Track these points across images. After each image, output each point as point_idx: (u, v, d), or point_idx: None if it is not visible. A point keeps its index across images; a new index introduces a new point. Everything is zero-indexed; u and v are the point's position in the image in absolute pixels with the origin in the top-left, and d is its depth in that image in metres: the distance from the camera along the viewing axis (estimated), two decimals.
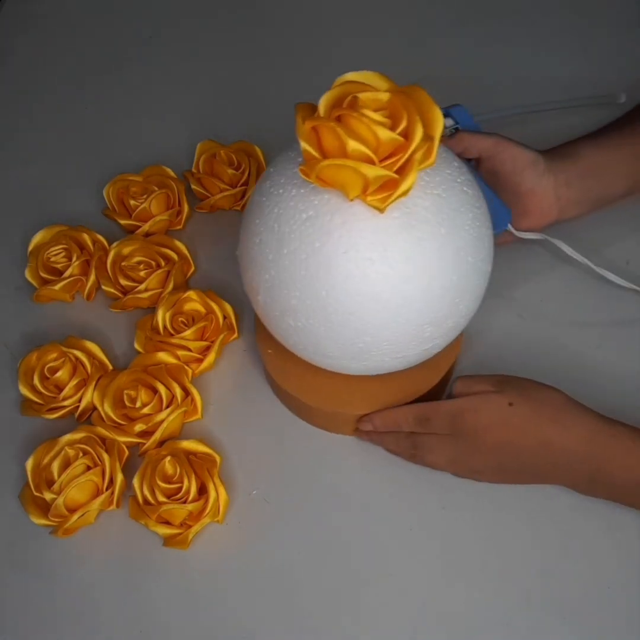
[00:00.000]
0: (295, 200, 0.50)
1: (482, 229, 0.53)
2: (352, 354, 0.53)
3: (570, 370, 0.61)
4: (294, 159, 0.52)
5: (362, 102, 0.47)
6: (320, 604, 0.55)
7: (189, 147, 0.77)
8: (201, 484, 0.58)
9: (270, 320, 0.55)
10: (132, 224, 0.73)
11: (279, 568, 0.57)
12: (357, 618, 0.54)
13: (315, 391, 0.60)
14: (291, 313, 0.52)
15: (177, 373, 0.63)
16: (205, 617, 0.55)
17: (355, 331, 0.51)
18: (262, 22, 0.93)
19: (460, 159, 0.54)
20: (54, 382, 0.63)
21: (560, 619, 0.53)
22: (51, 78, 0.90)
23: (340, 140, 0.46)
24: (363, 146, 0.46)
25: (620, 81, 0.80)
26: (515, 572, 0.55)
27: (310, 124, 0.47)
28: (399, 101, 0.48)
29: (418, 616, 0.54)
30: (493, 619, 0.54)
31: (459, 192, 0.51)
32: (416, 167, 0.47)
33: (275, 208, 0.51)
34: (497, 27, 0.89)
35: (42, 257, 0.70)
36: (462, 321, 0.54)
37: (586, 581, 0.55)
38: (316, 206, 0.50)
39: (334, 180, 0.48)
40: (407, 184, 0.47)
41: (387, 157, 0.47)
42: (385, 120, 0.47)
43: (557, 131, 0.69)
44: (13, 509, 0.60)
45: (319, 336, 0.52)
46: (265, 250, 0.52)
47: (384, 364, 0.54)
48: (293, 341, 0.55)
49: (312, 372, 0.58)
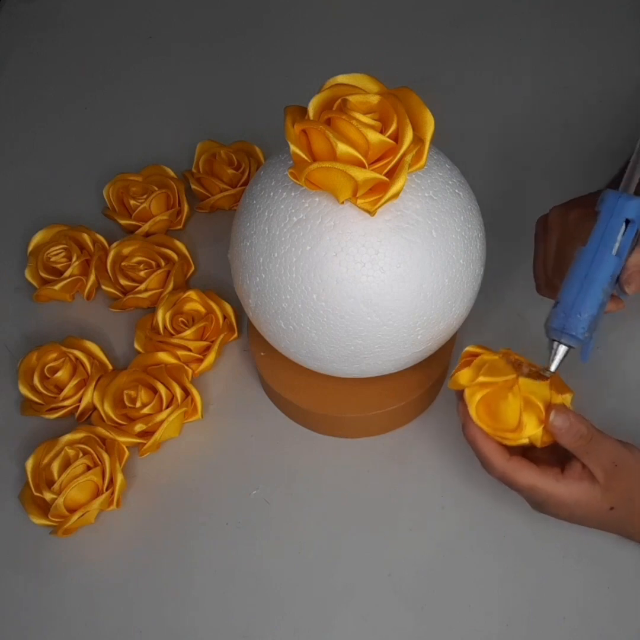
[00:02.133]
0: (286, 203, 0.51)
1: (473, 231, 0.53)
2: (344, 357, 0.53)
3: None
4: (284, 161, 0.52)
5: (351, 104, 0.47)
6: (320, 604, 0.55)
7: (189, 147, 0.77)
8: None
9: (262, 323, 0.55)
10: (132, 224, 0.73)
11: (279, 568, 0.57)
12: (356, 618, 0.54)
13: (307, 394, 0.60)
14: (282, 316, 0.52)
15: (177, 373, 0.63)
16: (206, 617, 0.55)
17: (347, 334, 0.51)
18: (263, 23, 0.93)
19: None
20: (54, 382, 0.63)
21: (560, 619, 0.53)
22: (51, 78, 0.90)
23: (330, 143, 0.46)
24: (352, 149, 0.46)
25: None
26: (515, 572, 0.55)
27: (299, 127, 0.48)
28: (389, 104, 0.48)
29: (418, 616, 0.54)
30: (493, 619, 0.54)
31: (450, 195, 0.51)
32: (406, 169, 0.47)
33: (266, 211, 0.51)
34: (493, 27, 0.89)
35: (42, 257, 0.70)
36: (455, 323, 0.54)
37: (586, 581, 0.55)
38: (306, 209, 0.50)
39: (323, 183, 0.48)
40: (397, 186, 0.47)
41: (377, 160, 0.47)
42: (375, 123, 0.47)
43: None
44: (13, 509, 0.60)
45: (310, 339, 0.52)
46: (256, 253, 0.52)
47: (376, 367, 0.54)
48: (284, 344, 0.55)
49: (304, 375, 0.58)
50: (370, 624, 0.54)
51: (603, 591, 0.54)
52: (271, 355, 0.60)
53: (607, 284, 0.48)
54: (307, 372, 0.57)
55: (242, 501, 0.59)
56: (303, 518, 0.58)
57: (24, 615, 0.56)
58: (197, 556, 0.57)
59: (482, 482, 0.58)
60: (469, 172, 0.56)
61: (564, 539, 0.56)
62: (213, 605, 0.55)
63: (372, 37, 0.89)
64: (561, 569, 0.55)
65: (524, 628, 0.53)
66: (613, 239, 0.48)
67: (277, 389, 0.61)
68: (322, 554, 0.57)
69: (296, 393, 0.60)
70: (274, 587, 0.56)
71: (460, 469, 0.59)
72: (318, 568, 0.56)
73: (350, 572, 0.56)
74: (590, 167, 0.74)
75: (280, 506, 0.59)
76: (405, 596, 0.55)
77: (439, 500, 0.58)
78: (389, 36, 0.89)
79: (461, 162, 0.55)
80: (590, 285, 0.48)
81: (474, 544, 0.57)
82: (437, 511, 0.58)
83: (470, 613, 0.54)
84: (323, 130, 0.46)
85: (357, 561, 0.57)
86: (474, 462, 0.51)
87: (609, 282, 0.48)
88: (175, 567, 0.57)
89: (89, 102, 0.87)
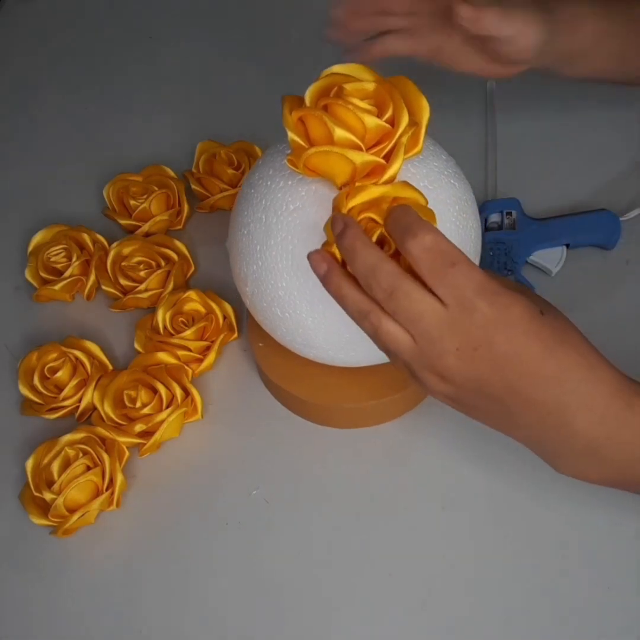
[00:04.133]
0: (283, 191, 0.51)
1: (468, 221, 0.53)
2: (339, 345, 0.53)
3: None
4: (282, 151, 0.53)
5: (348, 91, 0.48)
6: (319, 604, 0.55)
7: (189, 147, 0.77)
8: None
9: (258, 311, 0.55)
10: (132, 224, 0.73)
11: (279, 568, 0.57)
12: (356, 618, 0.54)
13: (305, 384, 0.60)
14: (278, 304, 0.52)
15: (177, 373, 0.63)
16: (206, 617, 0.55)
17: (342, 322, 0.51)
18: (263, 23, 0.93)
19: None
20: (54, 382, 0.63)
21: (560, 619, 0.53)
22: (51, 78, 0.90)
23: (327, 129, 0.47)
24: (350, 133, 0.47)
25: None
26: (516, 572, 0.55)
27: (297, 115, 0.48)
28: (385, 90, 0.48)
29: (418, 616, 0.54)
30: (493, 618, 0.54)
31: (445, 184, 0.52)
32: (402, 151, 0.47)
33: (263, 199, 0.52)
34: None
35: (42, 257, 0.70)
36: None
37: (586, 581, 0.55)
38: (303, 197, 0.50)
39: (321, 168, 0.48)
40: (394, 168, 0.47)
41: (374, 145, 0.48)
42: (371, 108, 0.48)
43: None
44: (13, 509, 0.60)
45: (306, 327, 0.53)
46: (253, 241, 0.52)
47: (372, 356, 0.54)
48: (281, 332, 0.55)
49: (303, 365, 0.58)
50: (371, 623, 0.54)
51: (603, 591, 0.54)
52: (269, 346, 0.60)
53: None
54: (305, 363, 0.57)
55: (242, 501, 0.59)
56: (303, 518, 0.58)
57: (24, 615, 0.56)
58: (197, 556, 0.57)
59: (483, 478, 0.58)
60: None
61: (564, 539, 0.56)
62: (213, 605, 0.55)
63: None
64: (562, 569, 0.55)
65: (526, 628, 0.53)
66: None
67: (275, 380, 0.61)
68: (322, 554, 0.57)
69: (294, 383, 0.60)
70: (274, 587, 0.56)
71: (459, 465, 0.59)
72: (318, 568, 0.56)
73: (350, 572, 0.56)
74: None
75: (280, 506, 0.59)
76: (405, 596, 0.55)
77: (440, 498, 0.58)
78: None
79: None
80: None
81: (474, 544, 0.57)
82: (438, 510, 0.58)
83: (471, 613, 0.54)
84: (320, 116, 0.47)
85: (356, 561, 0.56)
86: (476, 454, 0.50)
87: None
88: (175, 567, 0.57)
89: (89, 101, 0.87)
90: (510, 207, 0.69)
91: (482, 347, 0.42)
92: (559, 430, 0.44)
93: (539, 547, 0.56)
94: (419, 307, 0.42)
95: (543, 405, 0.44)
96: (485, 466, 0.59)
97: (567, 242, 0.67)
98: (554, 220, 0.69)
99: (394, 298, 0.42)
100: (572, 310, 0.47)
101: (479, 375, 0.43)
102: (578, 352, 0.44)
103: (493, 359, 0.42)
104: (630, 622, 0.53)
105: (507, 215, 0.68)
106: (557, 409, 0.44)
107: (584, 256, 0.68)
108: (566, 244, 0.67)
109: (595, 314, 0.65)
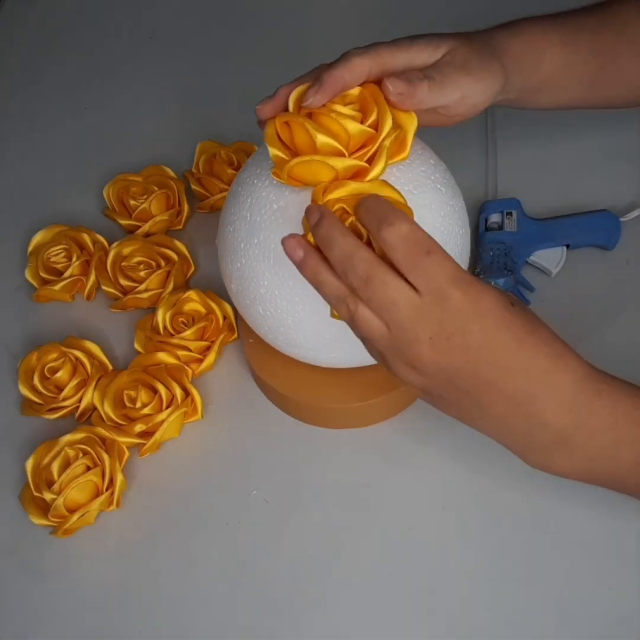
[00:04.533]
0: (268, 190, 0.52)
1: (454, 227, 0.53)
2: (320, 345, 0.53)
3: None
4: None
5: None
6: (319, 604, 0.55)
7: (189, 147, 0.77)
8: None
9: (243, 308, 0.56)
10: (132, 224, 0.73)
11: (279, 568, 0.57)
12: (356, 618, 0.54)
13: (292, 382, 0.60)
14: (260, 302, 0.53)
15: (177, 373, 0.63)
16: (206, 617, 0.55)
17: (322, 322, 0.51)
18: (263, 23, 0.93)
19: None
20: (54, 382, 0.63)
21: (560, 619, 0.53)
22: (51, 78, 0.90)
23: (310, 136, 0.47)
24: (332, 140, 0.47)
25: None
26: (516, 572, 0.55)
27: (280, 120, 0.49)
28: (369, 94, 0.49)
29: (417, 616, 0.54)
30: (493, 618, 0.54)
31: (431, 190, 0.52)
32: (385, 154, 0.47)
33: (249, 198, 0.52)
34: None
35: (42, 257, 0.70)
36: None
37: (586, 581, 0.55)
38: (287, 197, 0.51)
39: (305, 177, 0.48)
40: (376, 170, 0.47)
41: (358, 150, 0.48)
42: (354, 114, 0.48)
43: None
44: (13, 509, 0.60)
45: (287, 326, 0.53)
46: (238, 239, 0.53)
47: (354, 357, 0.54)
48: (264, 330, 0.55)
49: (292, 363, 0.58)
50: (371, 623, 0.54)
51: (603, 591, 0.54)
52: (260, 343, 0.60)
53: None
54: (295, 361, 0.58)
55: (242, 501, 0.59)
56: (303, 518, 0.58)
57: (23, 615, 0.56)
58: (197, 556, 0.57)
59: (481, 477, 0.58)
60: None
61: (565, 539, 0.56)
62: (213, 605, 0.55)
63: (374, 39, 0.89)
64: (562, 569, 0.55)
65: (526, 628, 0.53)
66: None
67: (263, 376, 0.61)
68: (321, 554, 0.57)
69: (279, 380, 0.61)
70: (274, 587, 0.56)
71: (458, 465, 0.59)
72: (318, 568, 0.56)
73: (349, 572, 0.56)
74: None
75: (280, 506, 0.59)
76: (404, 596, 0.55)
77: (439, 499, 0.58)
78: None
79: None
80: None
81: (473, 544, 0.57)
82: (437, 510, 0.58)
83: (470, 613, 0.54)
84: (302, 123, 0.47)
85: (356, 561, 0.56)
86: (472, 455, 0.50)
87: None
88: (175, 567, 0.57)
89: (89, 102, 0.87)
90: (511, 207, 0.69)
91: (455, 336, 0.42)
92: (528, 421, 0.44)
93: (539, 547, 0.56)
94: (393, 295, 0.42)
95: (513, 396, 0.44)
96: (485, 466, 0.58)
97: (567, 243, 0.67)
98: (554, 220, 0.69)
99: (370, 285, 0.43)
100: (572, 310, 0.47)
101: (451, 365, 0.43)
102: (545, 342, 0.44)
103: (466, 348, 0.42)
104: (630, 622, 0.53)
105: (508, 215, 0.68)
106: (526, 400, 0.44)
107: (584, 257, 0.68)
108: (566, 244, 0.68)
109: (595, 315, 0.65)
